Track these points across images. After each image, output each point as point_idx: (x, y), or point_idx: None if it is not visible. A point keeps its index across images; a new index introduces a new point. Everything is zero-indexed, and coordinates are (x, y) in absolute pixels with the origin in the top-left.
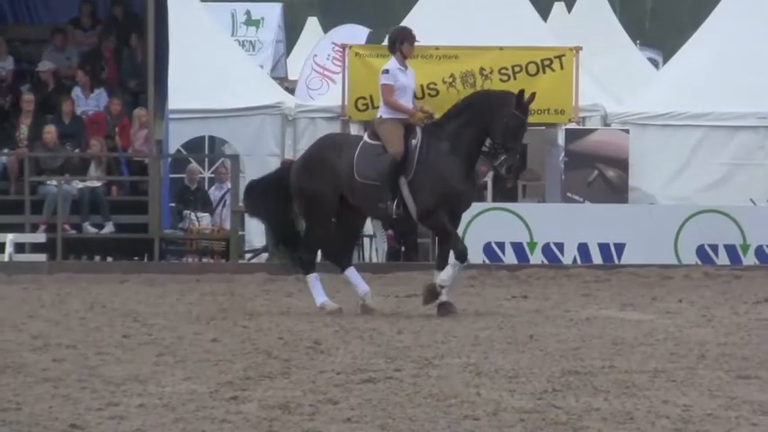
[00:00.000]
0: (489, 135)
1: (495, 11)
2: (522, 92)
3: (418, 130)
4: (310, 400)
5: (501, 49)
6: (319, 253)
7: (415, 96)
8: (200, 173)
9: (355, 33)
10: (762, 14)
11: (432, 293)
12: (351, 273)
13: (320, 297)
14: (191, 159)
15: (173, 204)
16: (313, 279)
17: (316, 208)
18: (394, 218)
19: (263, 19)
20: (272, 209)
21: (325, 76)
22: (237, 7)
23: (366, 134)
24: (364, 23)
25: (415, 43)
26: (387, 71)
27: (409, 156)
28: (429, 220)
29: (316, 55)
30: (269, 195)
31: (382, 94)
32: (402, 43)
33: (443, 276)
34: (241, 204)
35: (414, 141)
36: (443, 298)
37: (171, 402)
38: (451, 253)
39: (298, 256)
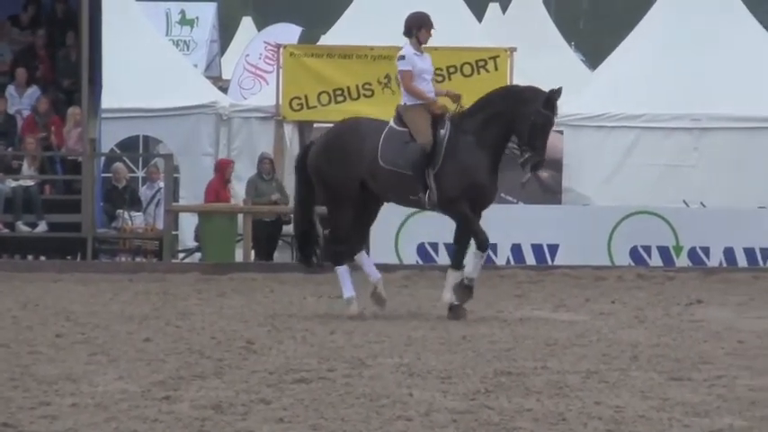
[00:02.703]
0: (514, 132)
1: (429, 11)
2: (552, 90)
3: (447, 122)
4: (243, 400)
5: (436, 49)
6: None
7: (434, 80)
8: (127, 172)
9: (288, 32)
10: (696, 16)
11: (465, 291)
12: (363, 259)
13: (348, 291)
14: (125, 159)
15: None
16: (342, 271)
17: (335, 194)
18: (427, 207)
19: (197, 18)
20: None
21: (257, 75)
22: (172, 6)
23: (392, 120)
24: (298, 23)
25: (354, 43)
26: (403, 57)
27: (437, 147)
28: (451, 208)
29: (248, 54)
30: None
31: (402, 80)
32: (419, 29)
33: (469, 269)
34: (175, 203)
35: (442, 132)
36: (451, 299)
37: (103, 402)
38: (472, 242)
39: (305, 252)
